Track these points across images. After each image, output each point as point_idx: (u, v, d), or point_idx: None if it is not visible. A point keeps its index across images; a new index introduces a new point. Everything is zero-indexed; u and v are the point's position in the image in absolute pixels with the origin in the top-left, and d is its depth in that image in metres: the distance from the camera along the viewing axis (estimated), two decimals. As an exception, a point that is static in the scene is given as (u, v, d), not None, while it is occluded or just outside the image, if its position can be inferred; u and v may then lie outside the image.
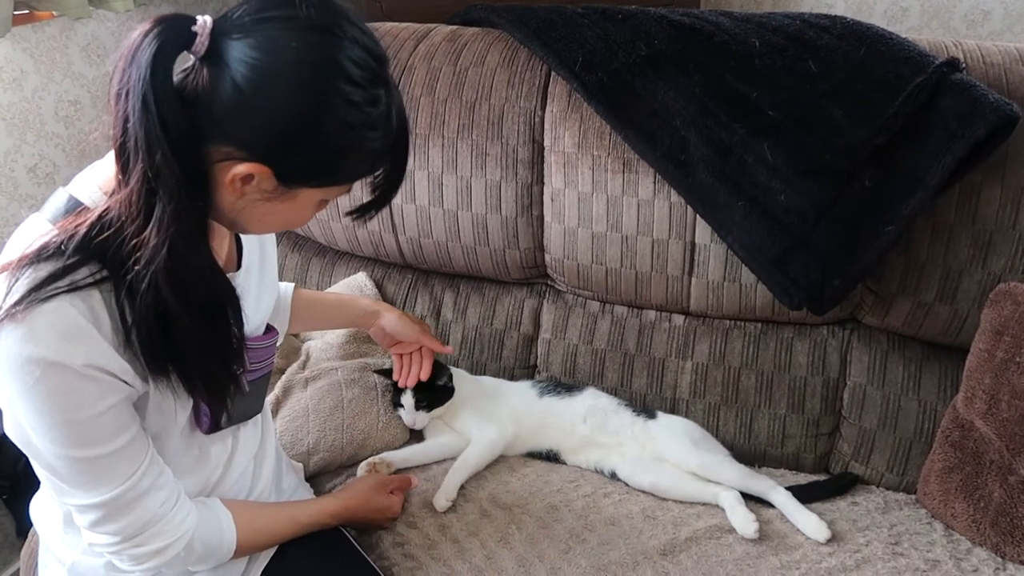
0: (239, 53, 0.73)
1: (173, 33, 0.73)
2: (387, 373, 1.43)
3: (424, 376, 1.37)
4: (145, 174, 0.73)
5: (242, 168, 0.76)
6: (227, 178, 0.77)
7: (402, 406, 1.40)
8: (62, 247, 0.77)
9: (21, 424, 0.81)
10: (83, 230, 0.77)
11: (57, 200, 0.84)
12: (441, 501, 1.28)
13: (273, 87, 0.74)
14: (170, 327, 0.80)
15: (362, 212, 0.92)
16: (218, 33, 0.74)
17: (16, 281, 0.76)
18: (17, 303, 0.75)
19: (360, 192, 0.90)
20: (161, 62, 0.72)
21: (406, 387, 1.38)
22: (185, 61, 0.75)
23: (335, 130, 0.77)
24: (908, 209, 1.22)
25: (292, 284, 1.32)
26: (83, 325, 0.77)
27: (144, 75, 0.71)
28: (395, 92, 0.82)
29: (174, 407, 0.90)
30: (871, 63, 1.28)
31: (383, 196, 0.90)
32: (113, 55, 0.74)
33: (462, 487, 1.32)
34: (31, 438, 0.81)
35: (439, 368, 1.40)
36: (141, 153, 0.73)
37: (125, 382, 0.82)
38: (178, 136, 0.73)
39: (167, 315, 0.79)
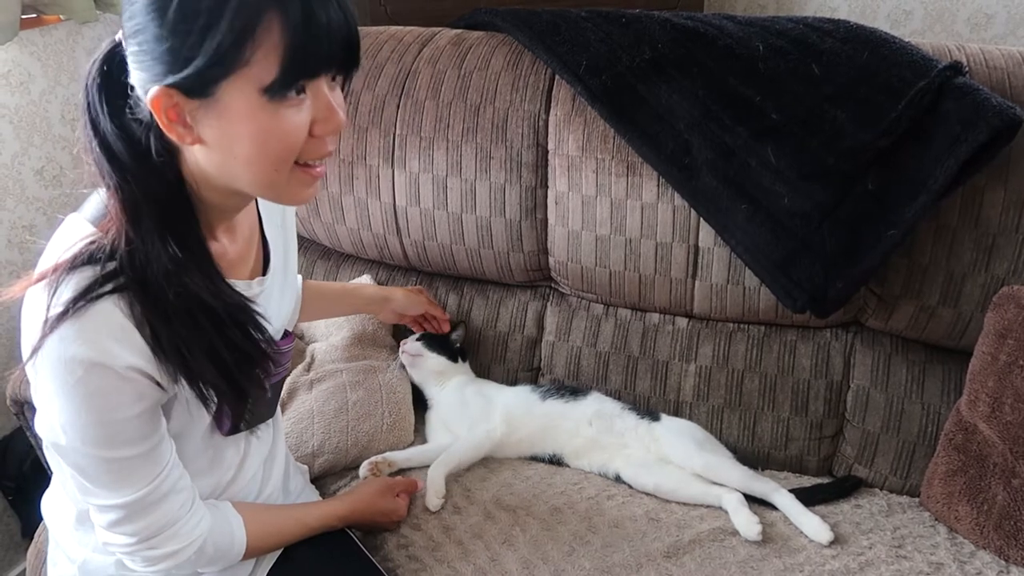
0: (125, 21, 0.75)
1: (109, 53, 0.78)
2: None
3: (445, 329, 1.56)
4: (114, 187, 0.78)
5: (152, 99, 0.73)
6: (165, 130, 0.76)
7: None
8: (100, 252, 0.79)
9: (54, 422, 0.82)
10: (113, 234, 0.79)
11: (95, 200, 0.85)
12: (433, 500, 1.29)
13: (137, 10, 0.73)
14: (187, 332, 0.81)
15: (275, 88, 0.74)
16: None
17: (59, 285, 0.77)
18: (68, 303, 0.76)
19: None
20: (96, 80, 0.77)
21: None
22: None
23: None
24: (911, 213, 1.22)
25: (300, 276, 1.32)
26: (127, 327, 0.79)
27: (85, 95, 0.78)
28: None
29: (199, 409, 0.91)
30: (874, 67, 1.28)
31: (295, 59, 0.73)
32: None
33: (467, 489, 1.33)
34: (62, 437, 0.82)
35: (455, 324, 1.58)
36: (105, 170, 0.78)
37: (159, 384, 0.83)
38: (125, 139, 0.77)
39: (176, 323, 0.80)
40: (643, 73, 1.37)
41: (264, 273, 1.00)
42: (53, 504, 1.06)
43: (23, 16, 1.58)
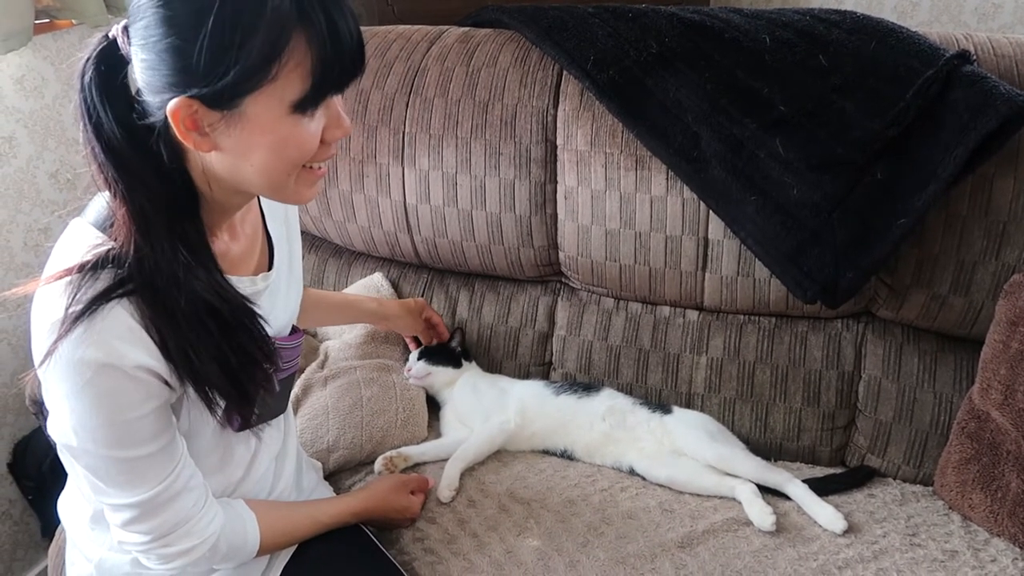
0: (135, 29, 0.75)
1: (102, 53, 0.77)
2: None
3: (443, 338, 1.57)
4: (123, 195, 0.78)
5: (172, 109, 0.74)
6: (178, 135, 0.77)
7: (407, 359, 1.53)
8: (116, 258, 0.79)
9: (65, 425, 0.83)
10: (122, 240, 0.80)
11: (98, 203, 0.86)
12: (445, 492, 1.30)
13: (152, 22, 0.73)
14: (195, 335, 0.82)
15: (304, 104, 0.78)
16: (128, 28, 0.76)
17: (70, 290, 0.78)
18: (78, 308, 0.77)
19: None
20: (91, 80, 0.76)
21: None
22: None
23: (198, 10, 0.72)
24: (921, 202, 1.23)
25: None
26: (134, 327, 0.80)
27: (82, 99, 0.76)
28: None
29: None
30: (882, 57, 1.29)
31: (328, 75, 0.77)
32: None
33: (482, 483, 1.34)
34: (74, 438, 0.83)
35: (452, 331, 1.58)
36: (109, 177, 0.78)
37: (167, 383, 0.85)
38: (128, 143, 0.77)
39: (185, 325, 0.82)
40: (650, 67, 1.38)
41: (269, 269, 1.01)
42: (69, 504, 1.07)
43: (36, 21, 1.60)
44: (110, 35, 0.77)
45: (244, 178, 0.82)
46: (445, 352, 1.53)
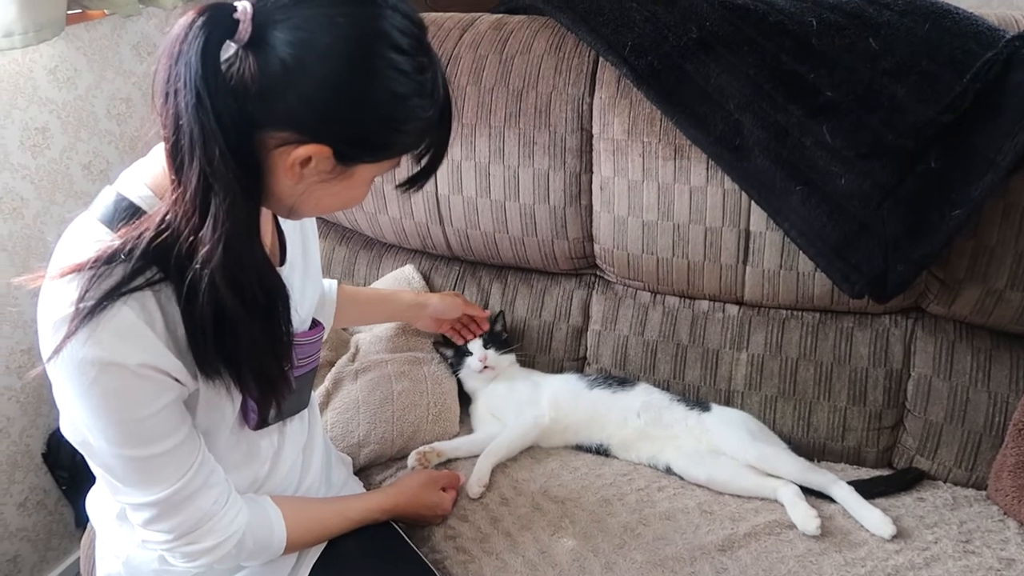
0: (285, 35, 0.72)
1: (217, 23, 0.71)
2: (446, 342, 1.54)
3: (484, 328, 1.52)
4: (202, 171, 0.72)
5: (302, 151, 0.76)
6: (287, 163, 0.77)
7: (470, 353, 1.47)
8: (127, 254, 0.76)
9: (77, 424, 0.82)
10: (147, 236, 0.76)
11: (105, 199, 0.84)
12: (475, 488, 1.28)
13: (325, 64, 0.72)
14: (226, 325, 0.80)
15: (412, 183, 0.91)
16: (259, 17, 0.73)
17: (88, 287, 0.76)
18: (83, 307, 0.75)
19: (404, 164, 0.89)
20: (210, 55, 0.71)
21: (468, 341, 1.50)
22: (224, 51, 0.73)
23: (389, 101, 0.76)
24: (978, 191, 1.17)
25: (335, 280, 1.32)
26: (138, 325, 0.78)
27: (195, 70, 0.70)
28: (437, 59, 0.81)
29: (223, 404, 0.90)
30: (936, 39, 1.22)
31: (431, 166, 0.89)
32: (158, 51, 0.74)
33: (515, 480, 1.31)
34: (87, 438, 0.83)
35: (495, 316, 1.55)
36: (197, 150, 0.72)
37: (177, 380, 0.83)
38: (232, 129, 0.72)
39: (224, 313, 0.79)
40: (691, 52, 1.33)
41: (282, 264, 0.99)
42: (96, 501, 1.07)
43: (68, 12, 1.59)
44: (237, 13, 0.72)
45: (300, 206, 0.84)
46: (501, 339, 1.51)
